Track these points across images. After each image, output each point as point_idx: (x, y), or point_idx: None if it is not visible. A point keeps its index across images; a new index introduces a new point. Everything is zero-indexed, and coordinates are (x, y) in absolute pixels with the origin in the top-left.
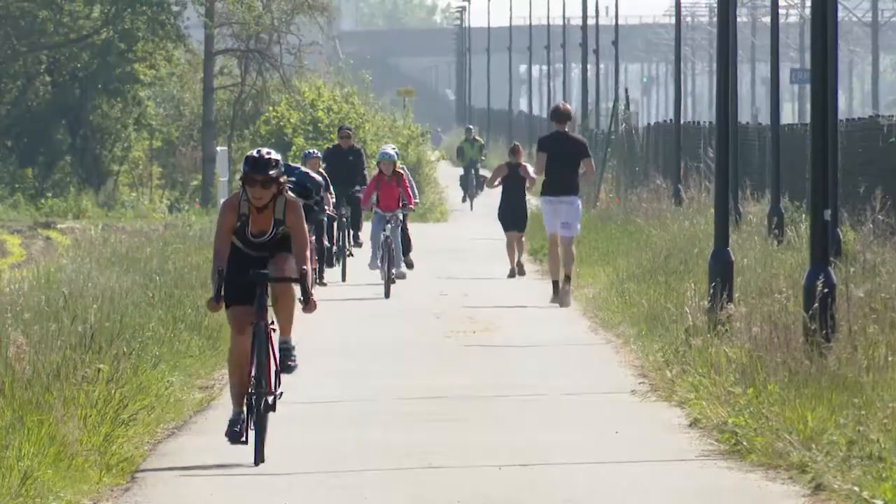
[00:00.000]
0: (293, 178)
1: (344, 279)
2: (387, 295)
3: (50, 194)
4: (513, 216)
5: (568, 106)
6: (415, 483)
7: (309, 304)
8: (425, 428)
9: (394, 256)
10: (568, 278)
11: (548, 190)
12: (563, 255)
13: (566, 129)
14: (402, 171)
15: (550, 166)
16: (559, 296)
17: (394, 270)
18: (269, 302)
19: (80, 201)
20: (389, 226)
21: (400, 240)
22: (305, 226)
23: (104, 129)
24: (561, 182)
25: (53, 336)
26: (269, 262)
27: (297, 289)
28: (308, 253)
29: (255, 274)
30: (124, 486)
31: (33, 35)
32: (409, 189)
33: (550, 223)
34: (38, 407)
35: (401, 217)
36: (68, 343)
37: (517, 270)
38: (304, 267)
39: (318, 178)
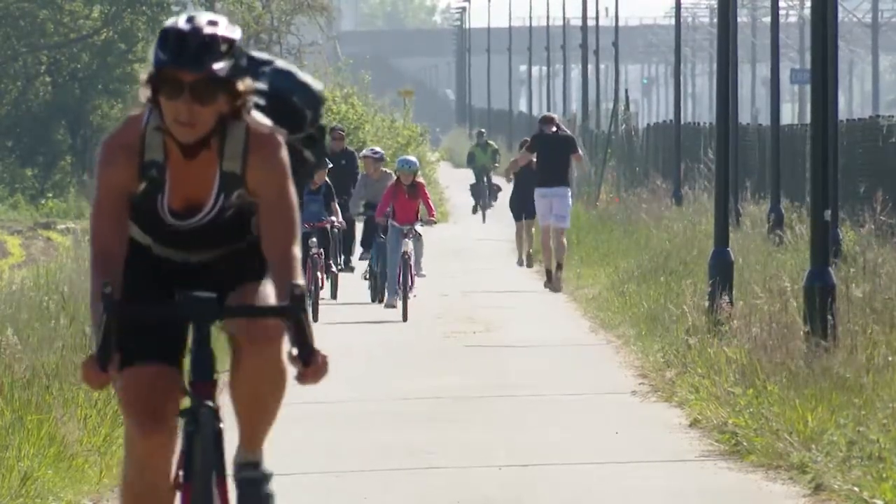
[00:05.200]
0: (262, 85)
1: (335, 296)
2: (405, 317)
3: (50, 194)
4: (524, 205)
5: (552, 115)
6: (415, 483)
7: (313, 364)
8: (425, 428)
9: (412, 274)
10: (560, 266)
11: (541, 182)
12: (555, 245)
13: (554, 130)
14: (421, 182)
15: (543, 160)
16: (553, 282)
17: (414, 282)
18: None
19: (81, 202)
20: (407, 240)
21: (421, 251)
22: (293, 190)
23: (104, 130)
24: (553, 174)
25: (53, 336)
26: (217, 281)
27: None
28: (298, 250)
29: (187, 299)
30: None
31: (33, 35)
32: (429, 200)
33: (544, 215)
34: (37, 407)
35: (419, 231)
36: (68, 343)
37: (526, 261)
38: (297, 282)
39: (318, 85)
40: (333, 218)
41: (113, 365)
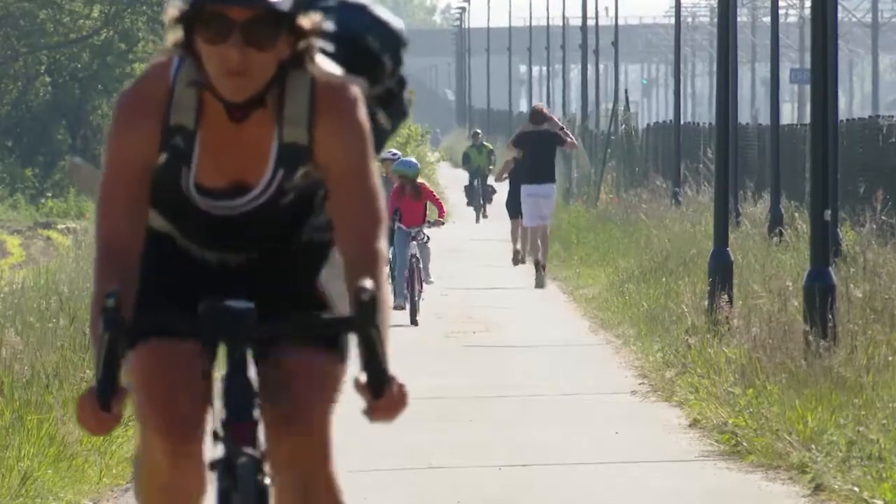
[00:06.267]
0: (331, 23)
1: None
2: (414, 322)
3: (50, 194)
4: (519, 205)
5: (544, 109)
6: (415, 483)
7: (387, 395)
8: (425, 428)
9: (420, 279)
10: (543, 266)
11: (528, 178)
12: (540, 243)
13: (544, 127)
14: (423, 183)
15: (529, 157)
16: (537, 278)
17: (423, 287)
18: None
19: (81, 202)
20: (415, 243)
21: (427, 257)
22: (374, 164)
23: (104, 130)
24: (540, 171)
25: (52, 336)
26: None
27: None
28: (383, 244)
29: (213, 310)
30: (124, 487)
31: (33, 35)
32: (438, 200)
33: (531, 217)
34: (37, 407)
35: (426, 233)
36: (67, 344)
37: (521, 261)
38: (366, 284)
39: (398, 22)
40: None
41: (118, 401)
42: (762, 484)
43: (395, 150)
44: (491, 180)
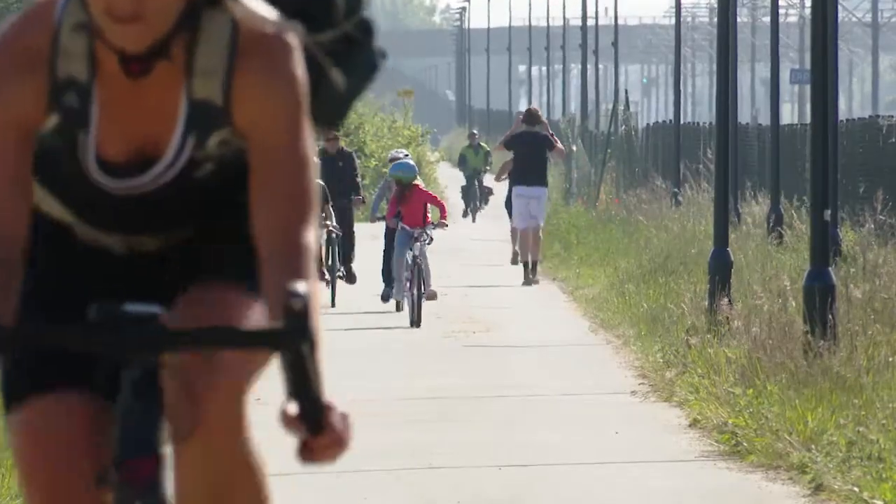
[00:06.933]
0: None
1: (333, 304)
2: (415, 323)
3: None
4: None
5: (538, 110)
6: (415, 483)
7: (327, 430)
8: (425, 428)
9: (424, 278)
10: (535, 264)
11: (519, 180)
12: (532, 242)
13: (536, 129)
14: (418, 185)
15: (520, 158)
16: (529, 277)
17: (424, 291)
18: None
19: None
20: (417, 244)
21: (427, 259)
22: (310, 135)
23: None
24: (531, 173)
25: None
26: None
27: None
28: (311, 236)
29: (108, 317)
30: None
31: None
32: (439, 201)
33: (521, 218)
34: None
35: (429, 235)
36: None
37: (519, 261)
38: (297, 288)
39: None
40: (328, 222)
41: None
42: (762, 484)
43: (405, 150)
44: (488, 181)
